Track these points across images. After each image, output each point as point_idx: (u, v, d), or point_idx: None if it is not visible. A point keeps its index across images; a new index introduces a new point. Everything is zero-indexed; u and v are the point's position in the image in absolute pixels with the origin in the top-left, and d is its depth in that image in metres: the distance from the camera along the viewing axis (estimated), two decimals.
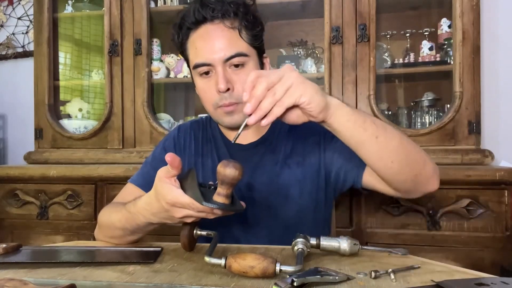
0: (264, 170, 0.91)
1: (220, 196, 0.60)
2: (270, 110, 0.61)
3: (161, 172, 0.65)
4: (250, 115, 0.61)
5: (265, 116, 0.61)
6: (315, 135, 0.90)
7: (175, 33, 0.88)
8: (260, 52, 0.89)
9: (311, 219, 0.90)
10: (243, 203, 0.66)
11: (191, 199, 0.61)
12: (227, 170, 0.58)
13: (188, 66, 0.89)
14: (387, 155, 0.70)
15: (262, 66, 0.89)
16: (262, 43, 0.89)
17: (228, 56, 0.81)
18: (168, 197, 0.63)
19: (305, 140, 0.91)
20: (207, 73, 0.84)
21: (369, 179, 0.84)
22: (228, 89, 0.81)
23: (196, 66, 0.84)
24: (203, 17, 0.82)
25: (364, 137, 0.67)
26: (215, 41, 0.81)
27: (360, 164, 0.83)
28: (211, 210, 0.62)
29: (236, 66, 0.82)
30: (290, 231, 0.71)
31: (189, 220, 0.67)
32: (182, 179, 0.65)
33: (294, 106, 0.62)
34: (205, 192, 0.62)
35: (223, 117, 0.85)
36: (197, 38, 0.84)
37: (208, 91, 0.84)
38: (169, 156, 0.63)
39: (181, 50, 0.89)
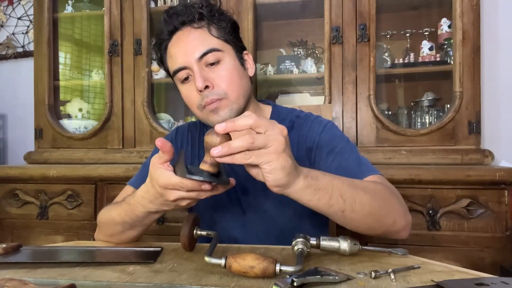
0: None
1: (205, 164, 0.60)
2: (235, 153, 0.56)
3: (154, 159, 0.66)
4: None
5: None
6: (308, 144, 0.88)
7: (155, 52, 0.90)
8: (238, 48, 0.88)
9: (309, 224, 0.90)
10: (232, 180, 0.66)
11: (180, 178, 0.62)
12: (209, 137, 0.58)
13: (172, 78, 0.89)
14: (352, 224, 0.70)
15: (242, 61, 0.89)
16: (238, 39, 0.89)
17: (200, 53, 0.81)
18: (160, 180, 0.64)
19: (298, 147, 0.89)
20: (187, 78, 0.84)
21: None
22: (207, 87, 0.81)
23: (175, 72, 0.84)
24: (173, 27, 0.84)
25: (329, 211, 0.66)
26: (186, 44, 0.83)
27: None
28: (199, 186, 0.62)
29: (212, 64, 0.82)
30: (288, 236, 0.70)
31: (183, 203, 0.67)
32: (175, 164, 0.66)
33: None
34: (192, 169, 0.62)
35: (210, 116, 0.84)
36: (171, 47, 0.85)
37: (190, 94, 0.84)
38: (159, 141, 0.63)
39: (164, 65, 0.90)
